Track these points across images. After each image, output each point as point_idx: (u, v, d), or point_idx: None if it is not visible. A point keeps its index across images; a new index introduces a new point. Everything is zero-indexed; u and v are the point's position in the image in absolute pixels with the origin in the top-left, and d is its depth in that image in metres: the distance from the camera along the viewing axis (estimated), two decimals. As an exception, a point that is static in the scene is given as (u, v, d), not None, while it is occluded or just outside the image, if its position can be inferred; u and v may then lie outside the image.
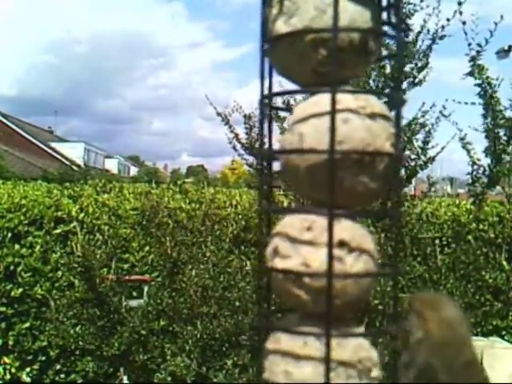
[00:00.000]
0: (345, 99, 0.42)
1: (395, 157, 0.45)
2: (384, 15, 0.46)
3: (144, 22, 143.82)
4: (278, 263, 0.45)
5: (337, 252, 0.43)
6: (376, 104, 0.44)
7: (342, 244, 0.43)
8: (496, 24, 2.75)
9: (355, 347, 0.45)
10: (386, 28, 0.47)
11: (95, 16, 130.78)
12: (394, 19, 0.46)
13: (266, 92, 0.48)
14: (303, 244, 0.44)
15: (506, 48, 9.48)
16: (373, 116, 0.43)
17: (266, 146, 0.50)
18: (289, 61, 0.46)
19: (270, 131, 0.50)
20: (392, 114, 0.45)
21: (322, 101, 0.43)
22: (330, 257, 0.43)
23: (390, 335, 0.47)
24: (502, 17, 2.78)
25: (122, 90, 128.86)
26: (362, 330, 0.47)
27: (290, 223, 0.46)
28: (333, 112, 0.41)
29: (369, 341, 0.47)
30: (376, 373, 0.45)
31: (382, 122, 0.44)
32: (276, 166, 0.49)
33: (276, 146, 0.50)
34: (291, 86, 0.50)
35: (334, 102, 0.41)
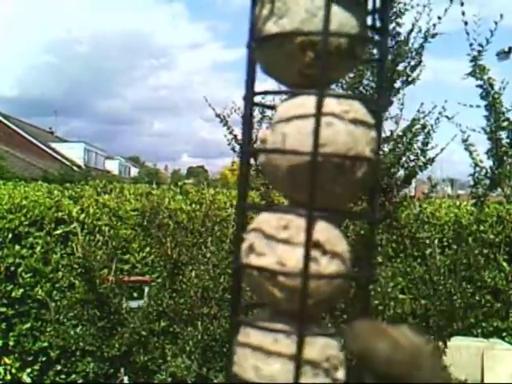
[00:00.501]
0: (329, 103, 0.43)
1: (374, 162, 0.46)
2: (369, 19, 0.47)
3: (144, 22, 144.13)
4: (254, 260, 0.45)
5: (312, 253, 0.44)
6: (359, 109, 0.45)
7: (317, 245, 0.44)
8: (496, 23, 2.76)
9: (323, 345, 0.45)
10: (370, 32, 0.48)
11: (96, 16, 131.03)
12: (378, 24, 0.47)
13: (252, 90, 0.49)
14: (279, 242, 0.44)
15: (507, 49, 9.48)
16: (355, 121, 0.44)
17: (249, 143, 0.51)
18: (276, 61, 0.46)
19: (251, 129, 0.51)
20: (372, 119, 0.47)
21: (307, 103, 0.44)
22: (307, 257, 0.44)
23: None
24: (501, 16, 2.79)
25: (122, 90, 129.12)
26: (331, 329, 0.48)
27: (266, 220, 0.46)
28: (318, 115, 0.42)
29: (338, 340, 0.47)
30: (342, 372, 0.46)
31: (363, 128, 0.45)
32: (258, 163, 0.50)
33: (258, 144, 0.51)
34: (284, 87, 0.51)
35: (320, 104, 0.42)
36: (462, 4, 2.77)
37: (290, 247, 0.44)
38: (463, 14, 2.77)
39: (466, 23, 2.76)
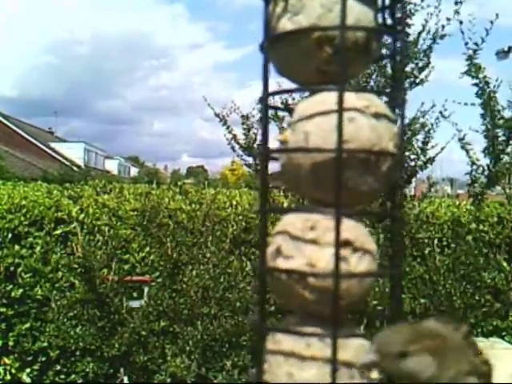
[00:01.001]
0: (349, 98, 0.42)
1: (398, 157, 0.45)
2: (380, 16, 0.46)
3: (145, 22, 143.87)
4: (281, 263, 0.45)
5: (342, 252, 0.43)
6: (379, 104, 0.44)
7: (347, 244, 0.43)
8: (492, 23, 2.76)
9: (357, 348, 0.44)
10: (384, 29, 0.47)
11: (96, 16, 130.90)
12: (389, 20, 0.46)
13: (267, 91, 0.48)
14: (307, 243, 0.44)
15: (506, 49, 9.47)
16: (377, 115, 0.43)
17: (265, 145, 0.49)
18: (292, 59, 0.45)
19: (267, 130, 0.50)
20: (393, 114, 0.45)
21: (327, 99, 0.42)
22: (337, 257, 0.43)
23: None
24: (497, 15, 2.79)
25: (122, 90, 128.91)
26: (362, 330, 0.47)
27: (291, 222, 0.45)
28: (340, 110, 0.41)
29: (369, 341, 0.46)
30: (376, 373, 0.45)
31: (385, 122, 0.44)
32: (274, 166, 0.49)
33: (274, 145, 0.50)
34: (290, 86, 0.50)
35: (341, 100, 0.41)
36: (457, 3, 2.78)
37: (318, 248, 0.43)
38: (458, 13, 2.77)
39: (461, 22, 2.76)
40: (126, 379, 3.62)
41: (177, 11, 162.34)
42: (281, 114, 2.80)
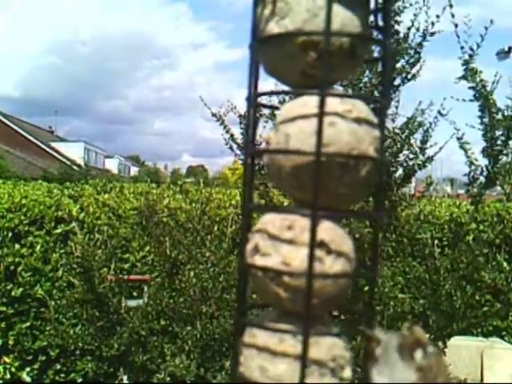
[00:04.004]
0: (332, 102, 0.43)
1: (378, 161, 0.46)
2: (372, 18, 0.47)
3: (147, 22, 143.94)
4: (258, 261, 0.45)
5: (317, 252, 0.44)
6: (362, 108, 0.45)
7: (322, 244, 0.44)
8: (486, 28, 2.77)
9: (329, 345, 0.45)
10: (373, 32, 0.47)
11: (98, 17, 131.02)
12: (381, 23, 0.47)
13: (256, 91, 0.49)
14: (283, 242, 0.45)
15: (506, 49, 9.48)
16: (358, 120, 0.44)
17: (252, 143, 0.51)
18: (278, 61, 0.46)
19: (255, 129, 0.51)
20: (375, 118, 0.46)
21: (309, 103, 0.44)
22: (312, 256, 0.44)
23: (363, 336, 0.47)
24: (491, 21, 2.80)
25: (124, 90, 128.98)
26: (336, 329, 0.48)
27: (271, 221, 0.46)
28: (321, 115, 0.42)
29: (344, 340, 0.47)
30: (348, 372, 0.46)
31: (367, 127, 0.45)
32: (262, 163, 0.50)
33: (262, 144, 0.51)
34: (286, 87, 0.51)
35: (322, 104, 0.42)
36: (451, 6, 2.78)
37: (294, 247, 0.44)
38: (452, 16, 2.77)
39: (456, 25, 2.76)
40: (125, 379, 3.63)
41: (180, 11, 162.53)
42: (278, 112, 2.80)
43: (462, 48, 2.81)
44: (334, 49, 0.43)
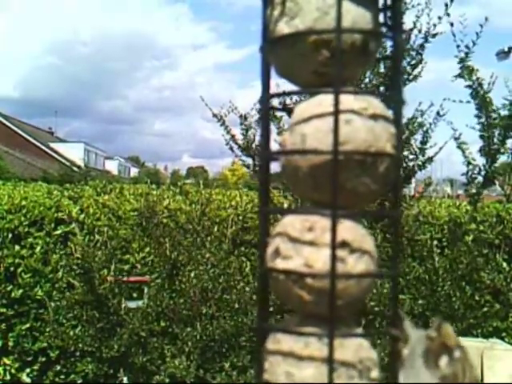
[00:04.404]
0: (347, 100, 0.42)
1: (396, 158, 0.45)
2: (381, 16, 0.47)
3: (147, 23, 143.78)
4: (280, 264, 0.45)
5: (339, 252, 0.43)
6: (377, 105, 0.45)
7: (344, 244, 0.44)
8: (482, 26, 2.77)
9: (356, 347, 0.45)
10: (382, 29, 0.47)
11: (99, 17, 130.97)
12: (390, 21, 0.46)
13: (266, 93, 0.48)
14: (305, 244, 0.44)
15: (506, 49, 9.48)
16: (374, 117, 0.44)
17: (267, 146, 0.50)
18: (290, 62, 0.46)
19: (268, 132, 0.50)
20: (391, 115, 0.46)
21: (324, 102, 0.43)
22: (334, 257, 0.43)
23: (389, 336, 0.47)
24: (486, 18, 2.80)
25: (124, 91, 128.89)
26: (361, 330, 0.47)
27: (291, 223, 0.46)
28: (336, 113, 0.41)
29: (368, 341, 0.47)
30: (376, 373, 0.46)
31: (383, 123, 0.44)
32: (275, 166, 0.49)
33: (274, 146, 0.50)
34: (288, 87, 0.50)
35: (337, 102, 0.41)
36: (447, 5, 2.78)
37: (315, 249, 0.44)
38: (448, 15, 2.77)
39: (451, 24, 2.77)
40: (125, 380, 3.62)
41: (180, 12, 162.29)
42: (278, 114, 2.80)
43: (458, 46, 2.81)
44: (347, 46, 0.42)
